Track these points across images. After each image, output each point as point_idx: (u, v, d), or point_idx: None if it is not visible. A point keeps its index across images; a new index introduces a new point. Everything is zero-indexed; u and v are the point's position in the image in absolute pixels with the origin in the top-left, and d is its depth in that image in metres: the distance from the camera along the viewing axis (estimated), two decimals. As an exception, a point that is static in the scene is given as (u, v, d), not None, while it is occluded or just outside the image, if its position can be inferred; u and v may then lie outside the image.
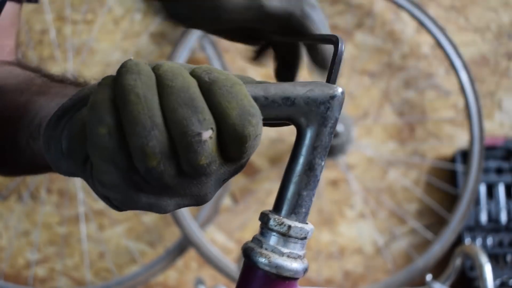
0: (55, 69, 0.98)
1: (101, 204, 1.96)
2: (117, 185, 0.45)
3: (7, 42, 0.81)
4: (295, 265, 0.48)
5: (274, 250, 0.48)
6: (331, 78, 0.50)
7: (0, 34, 0.79)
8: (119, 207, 0.48)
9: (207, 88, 0.45)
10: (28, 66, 0.76)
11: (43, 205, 1.96)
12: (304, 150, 0.48)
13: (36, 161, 0.62)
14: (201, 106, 0.44)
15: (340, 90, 0.49)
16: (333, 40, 0.51)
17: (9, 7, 0.78)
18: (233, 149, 0.45)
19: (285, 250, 0.48)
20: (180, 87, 0.44)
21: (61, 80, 0.68)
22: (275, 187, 0.50)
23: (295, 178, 0.48)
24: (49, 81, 0.68)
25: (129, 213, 1.98)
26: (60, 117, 0.47)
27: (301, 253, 0.49)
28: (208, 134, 0.43)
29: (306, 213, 0.49)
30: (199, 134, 0.43)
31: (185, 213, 1.87)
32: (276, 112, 0.47)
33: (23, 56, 0.83)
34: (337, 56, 0.50)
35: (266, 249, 0.48)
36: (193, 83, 0.44)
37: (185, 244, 1.91)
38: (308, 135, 0.48)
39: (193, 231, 1.87)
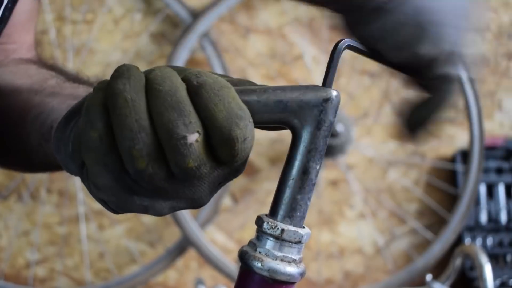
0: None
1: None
2: (110, 187, 0.45)
3: (25, 37, 0.81)
4: (289, 269, 0.48)
5: (267, 254, 0.48)
6: (327, 81, 0.49)
7: (18, 30, 0.79)
8: (115, 210, 0.49)
9: (195, 92, 0.45)
10: (44, 63, 0.77)
11: (43, 205, 1.96)
12: (298, 154, 0.48)
13: (48, 161, 0.63)
14: (188, 109, 0.44)
15: (334, 93, 0.48)
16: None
17: (26, 2, 0.78)
18: (223, 152, 0.45)
19: (278, 254, 0.48)
20: (167, 90, 0.44)
21: (75, 79, 0.69)
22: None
23: (289, 182, 0.48)
24: (63, 82, 0.69)
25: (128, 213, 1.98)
26: (69, 120, 0.48)
27: (296, 257, 0.49)
28: (194, 137, 0.43)
29: (302, 217, 0.49)
30: (185, 137, 0.43)
31: (185, 213, 1.87)
32: (269, 116, 0.47)
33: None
34: (333, 58, 0.49)
35: (260, 252, 0.48)
36: (181, 87, 0.45)
37: (185, 244, 1.91)
38: (302, 138, 0.48)
39: (193, 231, 1.87)
